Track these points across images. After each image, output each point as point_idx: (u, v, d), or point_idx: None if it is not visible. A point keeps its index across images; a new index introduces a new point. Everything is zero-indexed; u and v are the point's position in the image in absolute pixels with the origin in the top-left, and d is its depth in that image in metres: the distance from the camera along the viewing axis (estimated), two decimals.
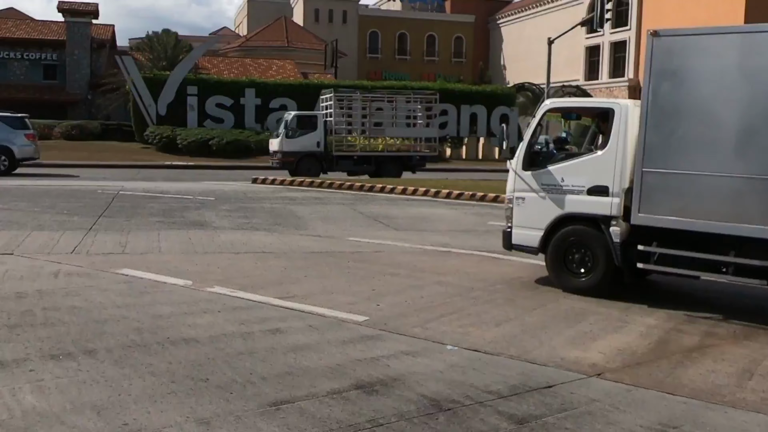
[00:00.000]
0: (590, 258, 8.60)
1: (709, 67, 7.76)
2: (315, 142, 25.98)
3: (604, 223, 8.43)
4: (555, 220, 8.84)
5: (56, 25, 55.27)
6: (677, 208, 7.83)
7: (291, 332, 6.41)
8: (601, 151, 8.68)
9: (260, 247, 11.04)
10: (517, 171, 9.28)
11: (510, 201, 9.42)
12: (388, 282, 8.73)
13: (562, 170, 8.86)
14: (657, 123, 7.97)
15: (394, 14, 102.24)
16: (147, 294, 7.69)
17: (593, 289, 8.48)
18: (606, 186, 8.44)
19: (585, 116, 9.98)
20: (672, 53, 8.02)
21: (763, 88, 7.38)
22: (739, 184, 7.47)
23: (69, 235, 11.40)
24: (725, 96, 7.63)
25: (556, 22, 77.26)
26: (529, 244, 9.14)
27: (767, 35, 7.63)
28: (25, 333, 6.08)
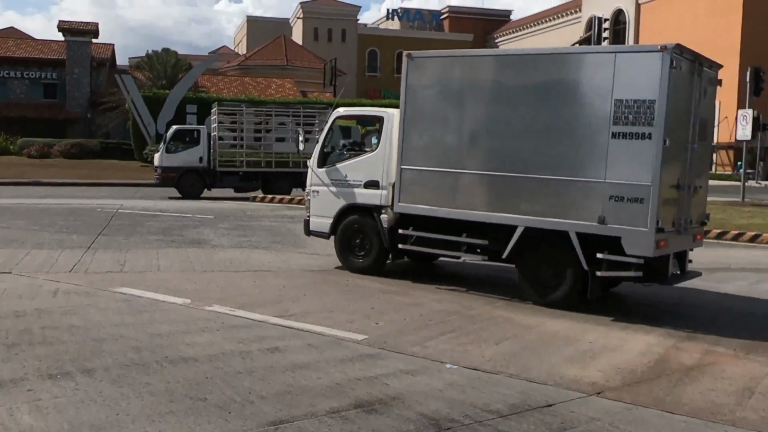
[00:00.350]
0: (367, 242, 10.49)
1: (447, 84, 9.66)
2: (197, 157, 24.59)
3: (376, 212, 10.35)
4: (341, 209, 10.74)
5: (56, 44, 55.55)
6: (426, 198, 9.71)
7: (290, 351, 6.40)
8: (373, 152, 10.67)
9: (259, 265, 11.04)
10: (312, 168, 11.17)
11: (308, 194, 11.31)
12: (387, 300, 8.72)
13: (346, 168, 10.78)
14: (409, 129, 9.84)
15: (392, 33, 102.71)
16: (145, 312, 7.67)
17: (369, 269, 10.38)
18: (377, 180, 10.38)
19: (368, 123, 11.74)
20: (420, 72, 9.90)
21: (485, 101, 9.35)
22: (468, 179, 9.38)
23: (68, 253, 11.39)
24: (458, 107, 9.54)
25: (553, 41, 77.80)
26: (322, 230, 11.03)
27: (488, 58, 10.01)
28: (23, 352, 6.07)
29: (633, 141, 8.16)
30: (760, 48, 59.23)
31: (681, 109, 8.49)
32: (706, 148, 9.45)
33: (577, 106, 8.62)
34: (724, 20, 62.33)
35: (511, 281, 10.29)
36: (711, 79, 9.43)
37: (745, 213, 22.49)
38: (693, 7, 65.82)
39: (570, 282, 8.74)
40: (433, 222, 9.60)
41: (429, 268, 11.37)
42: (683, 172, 8.65)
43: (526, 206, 8.90)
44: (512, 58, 9.82)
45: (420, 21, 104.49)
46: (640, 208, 8.08)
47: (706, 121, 9.32)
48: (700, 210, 9.40)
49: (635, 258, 8.14)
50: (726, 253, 14.35)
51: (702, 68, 9.00)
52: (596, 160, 8.38)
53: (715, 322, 8.26)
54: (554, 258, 8.85)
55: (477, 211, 9.24)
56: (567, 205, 8.60)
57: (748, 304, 9.53)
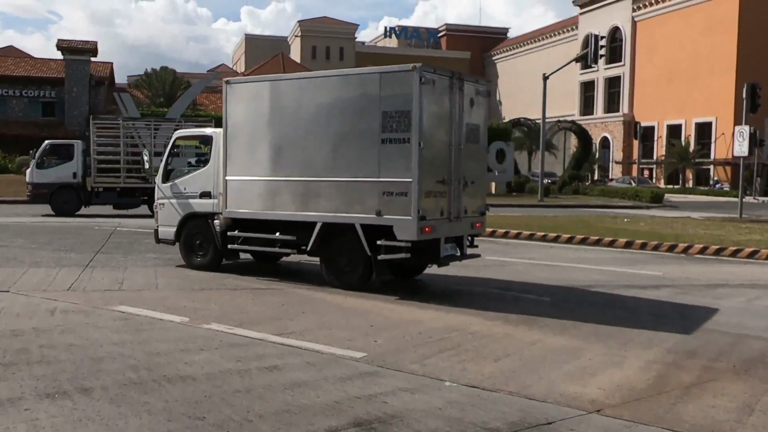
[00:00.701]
0: (205, 244, 12.13)
1: (257, 104, 11.28)
2: (71, 173, 23.59)
3: (210, 218, 11.94)
4: (182, 218, 12.30)
5: (55, 63, 55.72)
6: (247, 204, 11.34)
7: (288, 369, 6.38)
8: (205, 167, 12.24)
9: (257, 283, 11.02)
10: (158, 184, 12.74)
11: (156, 206, 12.80)
12: (386, 317, 8.70)
13: (185, 182, 12.41)
14: (230, 145, 11.46)
15: (390, 51, 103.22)
16: (144, 331, 7.65)
17: (207, 266, 12.03)
18: (209, 191, 12.01)
19: (203, 142, 13.37)
20: (237, 95, 11.54)
21: (288, 118, 10.92)
22: (278, 185, 10.99)
23: (66, 271, 11.38)
24: (268, 124, 11.12)
25: (550, 58, 78.13)
26: (169, 238, 12.52)
27: (288, 81, 11.45)
28: (20, 371, 6.04)
29: (397, 145, 9.84)
30: (756, 64, 59.59)
31: (439, 116, 10.18)
32: (477, 149, 11.01)
33: (356, 118, 10.27)
34: (720, 37, 62.70)
35: (508, 297, 10.29)
36: (478, 91, 10.98)
37: (743, 229, 22.52)
38: (689, 24, 66.25)
39: (360, 267, 10.46)
40: (255, 224, 11.30)
41: (423, 286, 11.36)
42: (449, 170, 10.29)
43: (323, 205, 10.59)
44: (306, 80, 11.34)
45: (417, 39, 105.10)
46: (405, 201, 9.76)
47: (477, 127, 10.97)
48: (477, 202, 11.16)
49: (404, 242, 9.87)
50: (724, 269, 14.35)
51: (463, 82, 10.56)
52: (371, 163, 10.05)
53: (714, 341, 8.25)
54: (346, 247, 10.53)
55: (286, 211, 10.94)
56: (353, 202, 10.29)
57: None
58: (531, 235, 18.77)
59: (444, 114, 10.25)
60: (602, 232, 19.26)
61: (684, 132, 66.95)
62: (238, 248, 11.69)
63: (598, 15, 77.81)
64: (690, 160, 63.68)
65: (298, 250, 11.11)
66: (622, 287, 11.56)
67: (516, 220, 23.56)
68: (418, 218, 9.67)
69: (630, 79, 74.35)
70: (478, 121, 10.99)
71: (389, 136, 9.87)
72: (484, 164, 11.70)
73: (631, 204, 38.99)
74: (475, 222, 11.11)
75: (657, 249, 17.05)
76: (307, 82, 11.13)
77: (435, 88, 10.00)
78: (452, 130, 10.34)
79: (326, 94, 10.65)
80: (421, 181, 9.69)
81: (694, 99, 65.14)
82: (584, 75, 78.37)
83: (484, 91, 11.21)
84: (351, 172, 10.26)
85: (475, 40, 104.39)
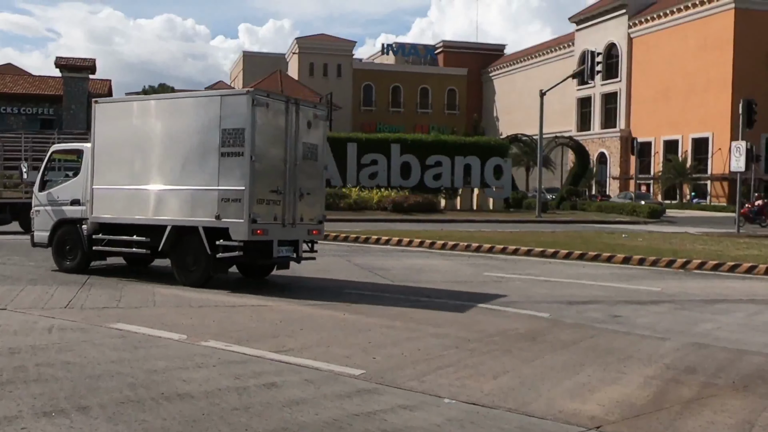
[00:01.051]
0: (74, 247, 13.24)
1: (121, 122, 12.83)
2: None
3: (79, 223, 13.14)
4: (55, 223, 13.55)
5: (53, 81, 55.86)
6: (111, 210, 12.74)
7: (287, 386, 6.35)
8: (76, 177, 13.59)
9: (255, 299, 11.00)
10: (35, 192, 14.09)
11: (32, 213, 14.07)
12: (385, 334, 8.68)
13: (58, 190, 13.75)
14: (97, 157, 12.93)
15: (387, 67, 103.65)
16: (141, 348, 7.62)
17: (76, 268, 13.12)
18: (78, 199, 13.27)
19: (78, 156, 14.29)
20: (104, 113, 13.07)
21: (146, 134, 12.44)
22: (136, 193, 12.40)
23: (63, 289, 11.35)
24: (129, 139, 12.62)
25: (547, 74, 78.49)
26: (43, 242, 13.71)
27: (149, 102, 13.22)
28: (17, 389, 6.01)
29: (233, 158, 11.36)
30: (751, 80, 59.92)
31: (274, 135, 11.70)
32: (314, 165, 12.50)
33: (201, 134, 11.77)
34: (715, 53, 63.05)
35: (507, 313, 10.28)
36: (316, 115, 12.52)
37: (740, 244, 22.53)
38: (684, 41, 66.62)
39: (203, 264, 11.84)
40: (117, 228, 12.69)
41: (426, 304, 11.35)
42: (284, 182, 11.81)
43: (173, 210, 12.04)
44: (161, 101, 13.06)
45: (415, 56, 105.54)
46: (239, 206, 11.28)
47: (315, 146, 12.47)
48: (315, 211, 12.63)
49: (238, 242, 11.35)
50: (722, 284, 14.35)
51: (299, 106, 12.11)
52: (213, 173, 11.54)
53: (714, 357, 8.24)
54: (192, 247, 11.90)
55: (143, 216, 12.34)
56: (197, 207, 11.74)
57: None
58: (529, 251, 18.78)
59: (279, 133, 11.78)
60: (600, 248, 19.27)
61: (681, 147, 67.15)
62: (102, 249, 13.03)
63: (594, 32, 78.25)
64: (687, 176, 63.82)
65: (153, 251, 12.48)
66: (620, 303, 11.55)
67: (514, 236, 23.58)
68: (250, 221, 11.22)
69: (626, 94, 74.66)
70: (316, 141, 12.50)
71: (227, 150, 11.42)
72: (321, 178, 12.94)
73: (628, 219, 39.02)
74: (312, 229, 12.57)
75: (655, 264, 17.06)
76: (162, 103, 12.90)
77: (269, 110, 11.59)
78: (287, 147, 11.86)
79: (177, 113, 12.31)
80: (253, 190, 11.26)
81: (690, 114, 65.39)
82: (581, 91, 78.64)
83: (323, 115, 12.80)
84: (196, 181, 11.76)
85: (472, 57, 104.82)
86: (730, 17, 62.13)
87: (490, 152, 43.37)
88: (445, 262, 16.87)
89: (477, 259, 17.69)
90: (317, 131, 12.53)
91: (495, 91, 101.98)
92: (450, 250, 19.60)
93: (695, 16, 65.80)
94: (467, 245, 19.64)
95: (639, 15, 72.71)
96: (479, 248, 19.35)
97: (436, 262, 16.97)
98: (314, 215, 12.61)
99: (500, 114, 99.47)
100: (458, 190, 41.75)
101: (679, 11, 67.66)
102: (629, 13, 73.60)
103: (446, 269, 15.65)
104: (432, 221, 32.48)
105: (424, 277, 14.24)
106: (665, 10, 69.32)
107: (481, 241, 20.30)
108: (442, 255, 18.59)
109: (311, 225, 12.54)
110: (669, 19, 68.92)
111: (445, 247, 19.82)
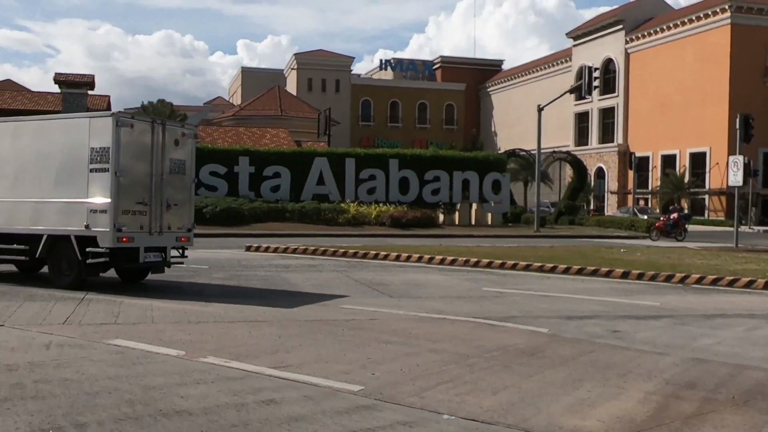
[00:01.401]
0: None
1: (4, 141, 13.89)
2: None
3: None
4: None
5: (52, 97, 55.95)
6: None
7: (285, 403, 6.33)
8: None
9: (254, 315, 10.97)
10: None
11: None
12: (383, 350, 8.66)
13: None
14: None
15: (385, 83, 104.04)
16: (139, 365, 7.60)
17: None
18: None
19: None
20: None
21: (22, 153, 13.63)
22: (15, 205, 13.56)
23: (61, 305, 11.32)
24: (7, 157, 13.75)
25: (545, 89, 78.80)
26: None
27: (24, 124, 14.18)
28: (15, 406, 5.98)
29: (101, 174, 12.60)
30: (748, 94, 60.18)
31: (140, 152, 12.94)
32: (182, 179, 13.75)
33: (74, 152, 12.92)
34: (712, 67, 63.32)
35: (507, 328, 10.26)
36: (184, 133, 13.81)
37: (739, 258, 22.54)
38: (681, 56, 66.93)
39: (75, 269, 13.07)
40: (3, 237, 13.64)
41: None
42: (150, 194, 13.04)
43: (48, 221, 13.19)
44: (38, 122, 14.18)
45: (413, 71, 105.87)
46: (106, 217, 12.53)
47: (183, 161, 13.75)
48: (183, 220, 13.85)
49: (105, 249, 12.58)
50: (721, 299, 14.34)
51: (165, 126, 13.41)
52: (83, 188, 12.76)
53: (714, 373, 8.22)
54: (65, 254, 13.12)
55: (22, 226, 13.48)
56: (69, 218, 12.92)
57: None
58: (528, 266, 18.77)
59: (145, 150, 13.04)
60: (599, 263, 19.26)
61: (679, 162, 67.29)
62: None
63: (591, 47, 78.62)
64: (685, 190, 63.93)
65: (31, 258, 13.54)
66: (619, 318, 11.54)
67: (512, 250, 23.57)
68: (115, 231, 12.49)
69: (624, 109, 74.92)
70: (183, 157, 13.79)
71: (95, 167, 12.66)
72: (189, 190, 14.12)
73: (627, 234, 39.05)
74: (180, 236, 13.82)
75: (654, 279, 17.05)
76: (39, 124, 14.03)
77: (134, 129, 12.85)
78: (153, 162, 13.12)
79: (52, 133, 13.46)
80: (117, 202, 12.53)
81: (687, 129, 65.59)
82: (578, 106, 78.94)
83: (191, 133, 14.03)
84: (68, 194, 12.97)
85: (470, 72, 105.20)
86: (727, 32, 62.46)
87: (488, 167, 43.43)
88: (444, 277, 16.86)
89: (476, 274, 17.67)
90: (185, 148, 13.83)
91: (493, 106, 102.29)
92: (449, 265, 19.59)
93: (692, 32, 66.15)
94: (466, 260, 19.63)
95: (636, 30, 73.09)
96: (478, 263, 19.33)
97: (435, 277, 16.96)
98: (182, 224, 13.86)
99: (498, 129, 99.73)
100: (456, 205, 41.74)
101: (676, 27, 68.02)
102: (626, 28, 73.99)
103: (445, 284, 15.63)
104: (430, 236, 32.48)
105: (422, 292, 14.22)
106: (662, 26, 69.69)
107: (480, 256, 20.30)
108: (440, 270, 18.58)
109: (179, 233, 13.79)
110: (665, 35, 69.28)
111: (443, 262, 19.81)
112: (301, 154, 42.72)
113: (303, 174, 40.30)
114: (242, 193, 39.12)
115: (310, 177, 40.32)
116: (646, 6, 75.60)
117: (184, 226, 13.93)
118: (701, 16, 65.11)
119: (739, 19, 62.20)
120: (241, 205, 36.34)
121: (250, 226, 34.12)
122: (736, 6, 62.09)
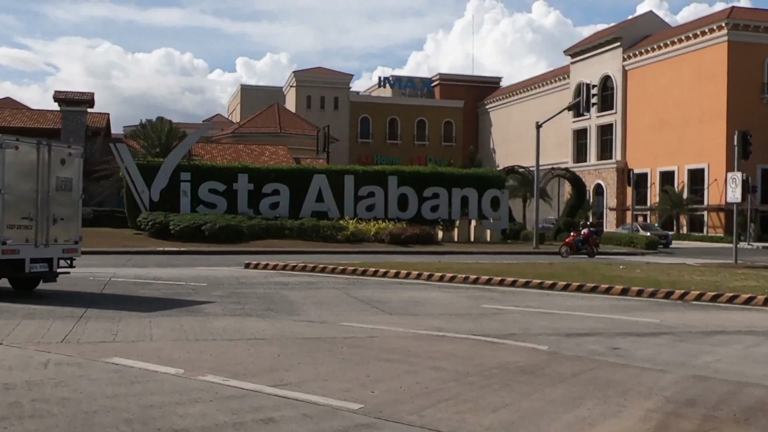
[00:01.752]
0: None
1: None
2: None
3: None
4: None
5: (52, 114, 56.12)
6: None
7: (284, 421, 6.30)
8: None
9: (253, 333, 10.94)
10: None
11: None
12: (383, 367, 8.63)
13: None
14: None
15: (384, 100, 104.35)
16: (138, 383, 7.56)
17: None
18: None
19: None
20: None
21: None
22: None
23: (59, 323, 11.28)
24: None
25: (543, 106, 79.05)
26: None
27: None
28: (12, 426, 5.95)
29: None
30: (746, 111, 60.38)
31: (25, 171, 13.85)
32: (68, 195, 14.72)
33: None
34: (709, 85, 63.60)
35: (506, 346, 10.23)
36: (70, 153, 14.84)
37: (738, 275, 22.52)
38: (678, 73, 67.23)
39: None
40: None
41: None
42: (36, 210, 13.95)
43: None
44: None
45: (411, 88, 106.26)
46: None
47: (69, 179, 14.71)
48: (69, 233, 14.80)
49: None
50: (721, 316, 14.32)
51: (51, 147, 14.34)
52: None
53: (715, 389, 8.20)
54: None
55: None
56: None
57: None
58: (527, 283, 18.74)
59: (30, 169, 13.91)
60: (598, 280, 19.24)
61: (677, 178, 67.42)
62: None
63: (589, 64, 78.96)
64: (684, 207, 64.01)
65: None
66: (619, 335, 11.51)
67: (512, 267, 23.56)
68: (0, 243, 13.32)
69: (622, 126, 75.13)
70: (70, 175, 14.74)
71: None
72: (76, 206, 15.04)
73: (626, 251, 39.03)
74: (67, 248, 14.74)
75: (653, 296, 17.02)
76: None
77: (19, 151, 13.72)
78: (39, 181, 14.00)
79: None
80: (2, 217, 13.37)
81: (685, 146, 65.76)
82: (577, 123, 79.17)
83: (77, 153, 15.03)
84: None
85: (468, 89, 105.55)
86: (724, 50, 62.77)
87: (487, 184, 43.52)
88: (444, 295, 16.83)
89: (475, 291, 17.65)
90: (72, 167, 14.81)
91: (491, 123, 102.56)
92: (448, 282, 19.56)
93: (689, 49, 66.46)
94: (465, 277, 19.61)
95: (633, 48, 73.44)
96: (477, 280, 19.31)
97: (434, 294, 16.93)
98: (69, 237, 14.82)
99: (497, 146, 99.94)
100: (455, 221, 41.79)
101: (673, 44, 68.36)
102: (624, 45, 74.35)
103: (444, 302, 15.60)
104: (429, 253, 32.46)
105: (422, 309, 14.19)
106: (659, 43, 70.04)
107: (479, 272, 20.27)
108: (440, 287, 18.55)
109: (66, 245, 14.74)
110: (663, 52, 69.61)
111: (443, 279, 19.79)
112: (300, 171, 42.80)
113: (302, 191, 40.36)
114: (241, 210, 39.16)
115: (309, 194, 40.38)
116: (643, 23, 76.07)
117: (71, 238, 14.88)
118: (698, 33, 65.47)
119: (736, 37, 62.54)
120: (240, 222, 36.33)
121: (249, 243, 34.10)
122: (733, 23, 62.47)
